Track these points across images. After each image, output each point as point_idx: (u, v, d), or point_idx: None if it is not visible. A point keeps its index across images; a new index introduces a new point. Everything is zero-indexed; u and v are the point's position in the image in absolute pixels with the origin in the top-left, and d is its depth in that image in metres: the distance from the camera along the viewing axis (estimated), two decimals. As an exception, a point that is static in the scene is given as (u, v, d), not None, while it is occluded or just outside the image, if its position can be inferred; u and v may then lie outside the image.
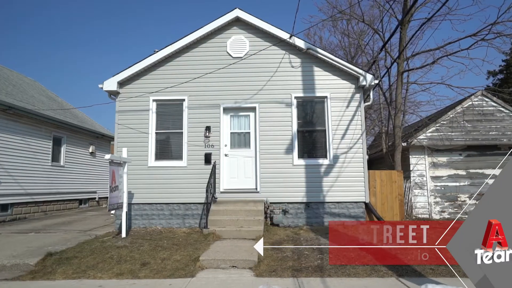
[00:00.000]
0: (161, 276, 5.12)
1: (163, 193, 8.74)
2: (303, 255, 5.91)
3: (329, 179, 8.71)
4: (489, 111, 10.65)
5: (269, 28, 9.06)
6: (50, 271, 5.34)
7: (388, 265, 5.36)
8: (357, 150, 8.80)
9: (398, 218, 9.11)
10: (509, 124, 10.54)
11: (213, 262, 5.59)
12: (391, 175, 9.22)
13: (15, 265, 5.72)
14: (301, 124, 9.03)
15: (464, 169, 10.58)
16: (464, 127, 10.40)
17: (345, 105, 8.96)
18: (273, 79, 9.08)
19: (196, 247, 6.39)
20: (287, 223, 8.56)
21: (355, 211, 8.66)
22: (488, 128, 10.50)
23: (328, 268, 5.33)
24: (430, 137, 10.37)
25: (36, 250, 6.51)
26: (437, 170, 10.54)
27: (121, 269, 5.34)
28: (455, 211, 10.39)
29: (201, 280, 4.92)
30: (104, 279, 5.05)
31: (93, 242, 6.94)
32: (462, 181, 10.52)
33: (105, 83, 8.90)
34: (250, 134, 9.10)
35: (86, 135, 16.91)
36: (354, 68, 8.89)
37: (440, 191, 10.46)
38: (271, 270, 5.30)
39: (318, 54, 8.95)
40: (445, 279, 4.85)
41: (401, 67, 9.68)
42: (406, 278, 4.92)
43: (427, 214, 10.22)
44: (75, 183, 15.91)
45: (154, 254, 5.96)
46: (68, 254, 6.04)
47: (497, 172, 10.61)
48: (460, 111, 10.52)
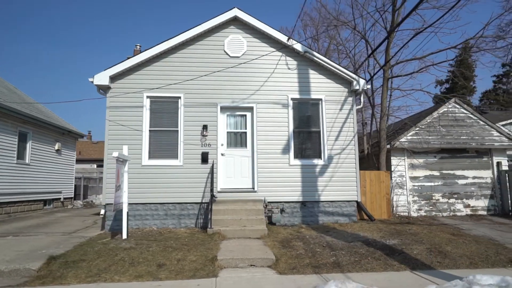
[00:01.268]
0: (183, 276, 5.01)
1: (158, 193, 8.48)
2: (316, 252, 6.07)
3: (323, 179, 8.99)
4: (460, 117, 11.62)
5: (267, 30, 9.16)
6: (59, 275, 5.00)
7: (398, 260, 5.69)
8: (350, 151, 9.18)
9: (385, 216, 9.64)
10: (477, 130, 11.58)
11: (231, 262, 5.57)
12: (380, 175, 9.73)
13: (14, 271, 5.26)
14: (297, 125, 9.22)
15: (438, 170, 11.44)
16: (440, 131, 11.25)
17: (339, 107, 9.31)
18: (270, 80, 9.18)
19: (206, 247, 6.31)
20: (284, 222, 8.70)
21: (347, 210, 9.02)
22: (459, 133, 11.45)
23: (345, 264, 5.53)
24: (410, 140, 11.08)
25: (29, 254, 6.04)
26: (415, 171, 11.29)
27: (138, 271, 5.14)
28: (430, 209, 11.19)
29: (227, 280, 4.89)
30: (123, 282, 4.83)
31: (93, 244, 6.56)
32: (436, 181, 11.36)
33: (95, 77, 8.44)
34: (247, 134, 9.12)
35: (52, 131, 15.83)
36: (348, 73, 9.27)
37: (418, 190, 11.21)
38: (291, 267, 5.40)
39: (314, 58, 9.21)
40: (452, 271, 5.23)
41: (387, 74, 10.27)
42: (419, 271, 5.25)
43: (407, 212, 10.91)
44: (40, 183, 14.83)
45: (167, 255, 5.79)
46: (72, 258, 5.67)
47: (465, 173, 11.61)
48: (436, 116, 11.38)
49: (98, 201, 20.64)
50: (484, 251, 6.18)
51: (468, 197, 11.47)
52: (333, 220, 8.89)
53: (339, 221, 8.89)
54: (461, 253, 6.01)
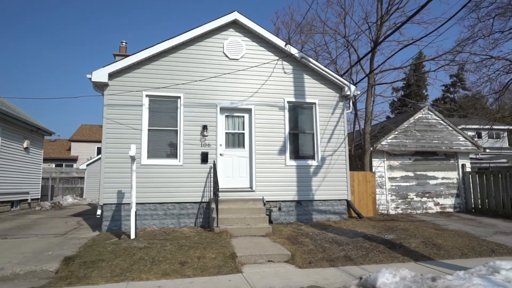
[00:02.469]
0: (209, 273, 5.15)
1: (157, 192, 8.44)
2: (325, 247, 6.47)
3: (317, 179, 9.45)
4: (432, 123, 12.72)
5: (265, 34, 9.45)
6: (83, 275, 4.93)
7: (400, 252, 6.24)
8: (341, 153, 9.74)
9: (371, 213, 10.32)
10: (446, 135, 12.74)
11: (250, 258, 5.79)
12: (366, 176, 10.41)
13: (31, 272, 5.11)
14: (293, 127, 9.61)
15: (413, 171, 12.42)
16: (415, 136, 12.25)
17: (331, 111, 9.84)
18: (267, 83, 9.49)
19: (220, 244, 6.45)
20: (280, 220, 9.03)
21: (338, 208, 9.56)
22: (432, 137, 12.53)
23: (355, 257, 5.97)
24: (390, 143, 11.93)
25: (37, 256, 5.85)
26: (393, 172, 12.18)
27: (162, 270, 5.20)
28: (406, 207, 12.13)
29: (254, 275, 5.11)
30: (152, 280, 4.88)
31: (102, 245, 6.44)
32: (411, 181, 12.34)
33: (94, 73, 8.22)
34: (245, 135, 9.34)
35: (21, 128, 14.93)
36: (340, 79, 9.83)
37: (395, 190, 12.10)
38: (307, 262, 5.74)
39: (310, 64, 9.66)
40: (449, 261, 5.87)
41: (371, 81, 11.00)
42: (422, 261, 5.82)
43: (386, 210, 11.74)
44: (8, 183, 13.93)
45: (185, 254, 5.88)
46: (88, 258, 5.57)
47: (435, 174, 12.71)
48: (412, 122, 12.37)
49: (65, 203, 19.67)
50: (469, 243, 6.95)
51: (438, 196, 12.57)
52: (325, 218, 9.38)
53: (331, 219, 9.40)
54: (452, 245, 6.72)
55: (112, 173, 8.25)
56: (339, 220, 9.31)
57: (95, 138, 36.01)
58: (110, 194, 8.22)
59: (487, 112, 22.95)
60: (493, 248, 6.65)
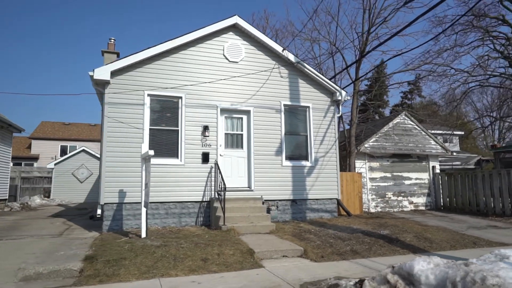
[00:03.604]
0: (234, 268, 5.39)
1: (158, 192, 8.46)
2: (331, 243, 6.93)
3: (311, 179, 9.94)
4: (408, 128, 13.76)
5: (263, 39, 9.79)
6: (111, 273, 4.97)
7: (399, 246, 6.86)
8: (332, 155, 10.31)
9: (358, 211, 10.99)
10: (420, 139, 13.84)
11: (266, 254, 6.11)
12: (353, 176, 11.07)
13: (54, 272, 5.06)
14: (288, 129, 10.02)
15: (390, 172, 13.35)
16: (394, 139, 13.18)
17: (323, 115, 10.38)
18: (265, 86, 9.82)
19: (232, 242, 6.68)
20: (278, 218, 9.39)
21: (330, 207, 10.11)
22: (408, 141, 13.56)
23: (360, 251, 6.49)
24: (371, 145, 12.75)
25: (50, 256, 5.78)
26: (373, 172, 13.02)
27: (187, 266, 5.36)
28: (384, 206, 13.02)
29: (277, 268, 5.43)
30: (181, 276, 5.04)
31: (117, 244, 6.43)
32: (389, 182, 13.25)
33: (96, 71, 8.09)
34: (243, 136, 9.61)
35: (-11, 124, 14.01)
36: (333, 85, 10.40)
37: (375, 189, 12.95)
38: (320, 256, 6.16)
39: (305, 69, 10.14)
40: (442, 252, 6.55)
41: (357, 87, 11.72)
42: (420, 253, 6.45)
43: (367, 208, 12.52)
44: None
45: (203, 251, 6.04)
46: (109, 257, 5.57)
47: (410, 175, 13.74)
48: (391, 126, 13.31)
49: (34, 203, 18.64)
50: (453, 237, 7.75)
51: (412, 195, 13.60)
52: (318, 216, 9.90)
53: (323, 216, 9.93)
54: (440, 239, 7.47)
55: (113, 172, 8.16)
56: (331, 218, 9.87)
57: (59, 136, 34.19)
58: (111, 194, 8.12)
59: (444, 119, 24.95)
60: (474, 241, 7.49)
